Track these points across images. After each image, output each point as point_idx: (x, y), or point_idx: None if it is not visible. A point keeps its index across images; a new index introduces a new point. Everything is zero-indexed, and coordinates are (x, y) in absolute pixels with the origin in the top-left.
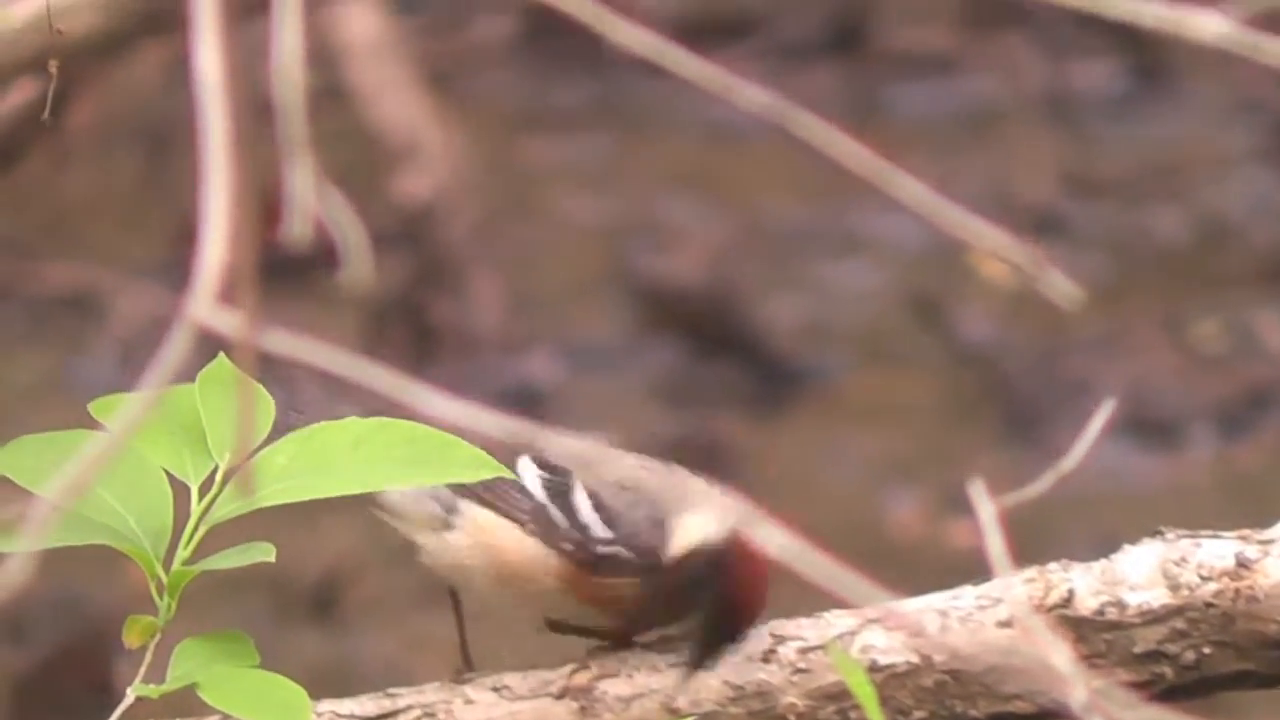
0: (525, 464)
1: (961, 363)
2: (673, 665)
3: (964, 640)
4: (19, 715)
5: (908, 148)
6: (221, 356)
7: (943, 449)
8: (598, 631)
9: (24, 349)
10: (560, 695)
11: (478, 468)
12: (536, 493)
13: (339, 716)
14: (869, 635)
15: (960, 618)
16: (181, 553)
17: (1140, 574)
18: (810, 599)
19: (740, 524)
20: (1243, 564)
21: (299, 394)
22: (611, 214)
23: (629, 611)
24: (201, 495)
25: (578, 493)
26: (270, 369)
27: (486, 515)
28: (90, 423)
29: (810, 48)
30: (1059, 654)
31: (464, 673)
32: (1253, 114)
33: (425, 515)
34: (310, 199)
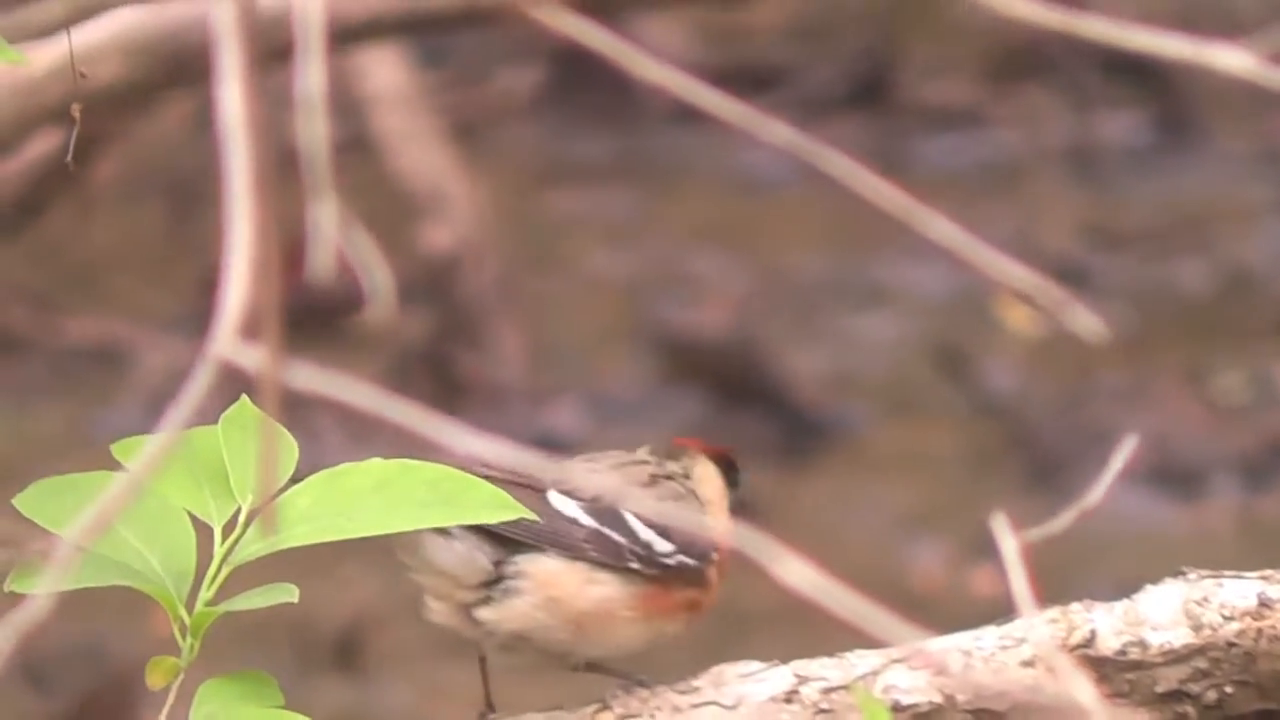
0: (558, 497)
1: (985, 413)
2: (695, 706)
3: (987, 680)
4: None
5: (931, 200)
6: (244, 398)
7: (966, 499)
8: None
9: (48, 401)
10: None
11: (500, 509)
12: (586, 520)
13: None
14: (892, 675)
15: (983, 658)
16: (204, 594)
17: (1163, 614)
18: (832, 639)
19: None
20: (1265, 604)
21: (324, 443)
22: (635, 266)
23: (703, 609)
24: (225, 536)
25: (627, 515)
26: (295, 419)
27: (547, 566)
28: (114, 471)
29: (834, 100)
30: (1083, 691)
31: (488, 715)
32: (1276, 166)
33: (471, 571)
34: (333, 239)
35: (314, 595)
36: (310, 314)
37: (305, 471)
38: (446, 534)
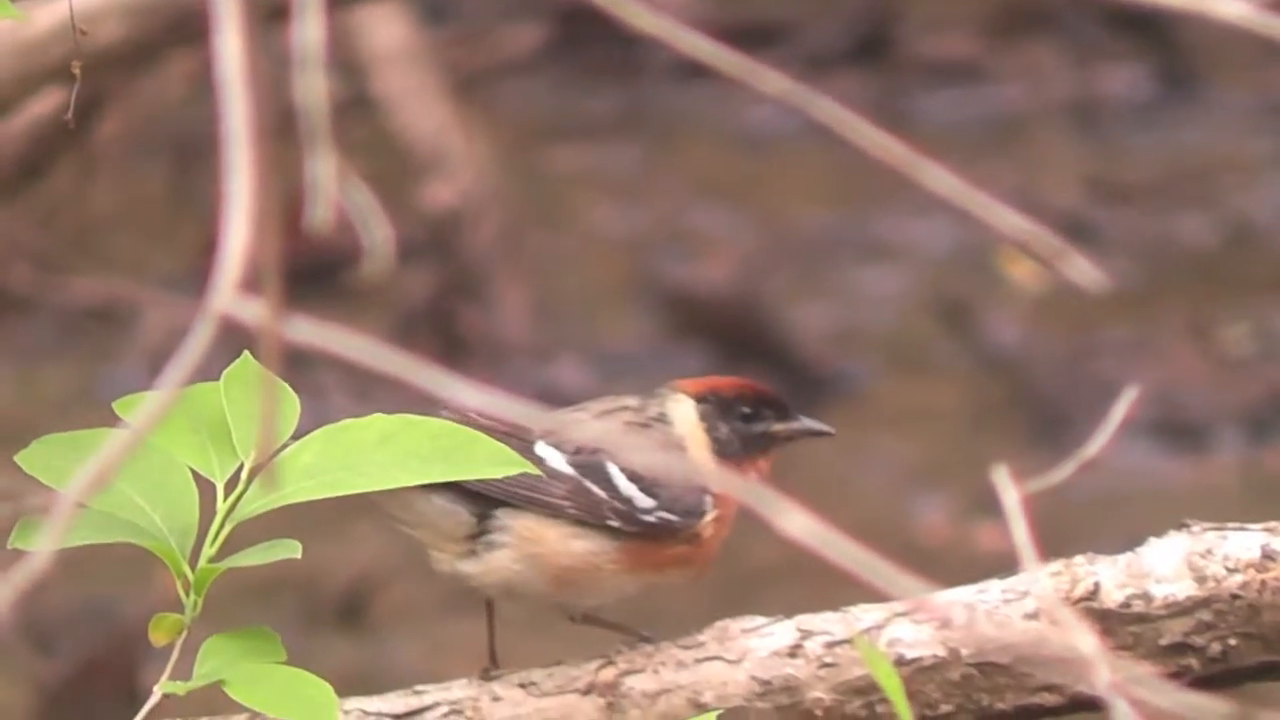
0: (545, 448)
1: (989, 367)
2: (699, 661)
3: (991, 633)
4: None
5: (933, 155)
6: (246, 354)
7: (970, 453)
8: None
9: (53, 360)
10: (587, 691)
11: (503, 463)
12: (568, 471)
13: (366, 714)
14: (895, 629)
15: (987, 611)
16: (207, 550)
17: (1166, 567)
18: (836, 594)
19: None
20: (1268, 556)
21: (327, 399)
22: (639, 222)
23: (698, 564)
24: (227, 493)
25: (611, 467)
26: (297, 376)
27: (528, 524)
28: (116, 429)
29: (836, 56)
30: (1085, 642)
31: (491, 670)
32: (1278, 118)
33: (454, 525)
34: (332, 194)
35: (319, 552)
36: (311, 270)
37: (308, 428)
38: (427, 489)
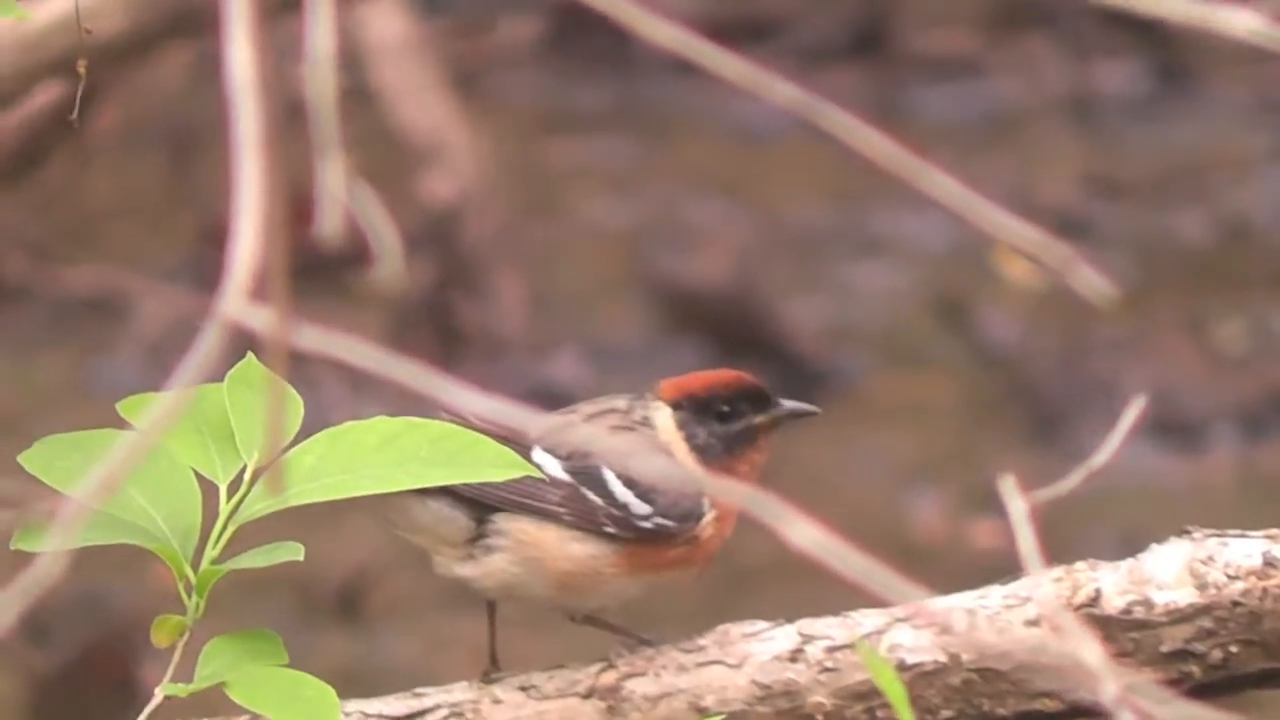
0: (540, 454)
1: (985, 364)
2: (700, 665)
3: (992, 639)
4: (43, 714)
5: (930, 150)
6: (250, 356)
7: (966, 450)
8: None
9: (47, 351)
10: (588, 695)
11: (506, 467)
12: (564, 478)
13: (367, 716)
14: (896, 634)
15: (988, 616)
16: (210, 552)
17: (1167, 573)
18: (835, 595)
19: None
20: (1270, 563)
21: (326, 397)
22: (635, 215)
23: (698, 564)
24: (230, 495)
25: (606, 473)
26: (297, 372)
27: (525, 527)
28: (115, 424)
29: (832, 50)
30: (1089, 650)
31: (492, 673)
32: (1275, 115)
33: (452, 529)
34: (341, 196)
35: (318, 548)
36: (314, 268)
37: (309, 426)
38: (423, 494)
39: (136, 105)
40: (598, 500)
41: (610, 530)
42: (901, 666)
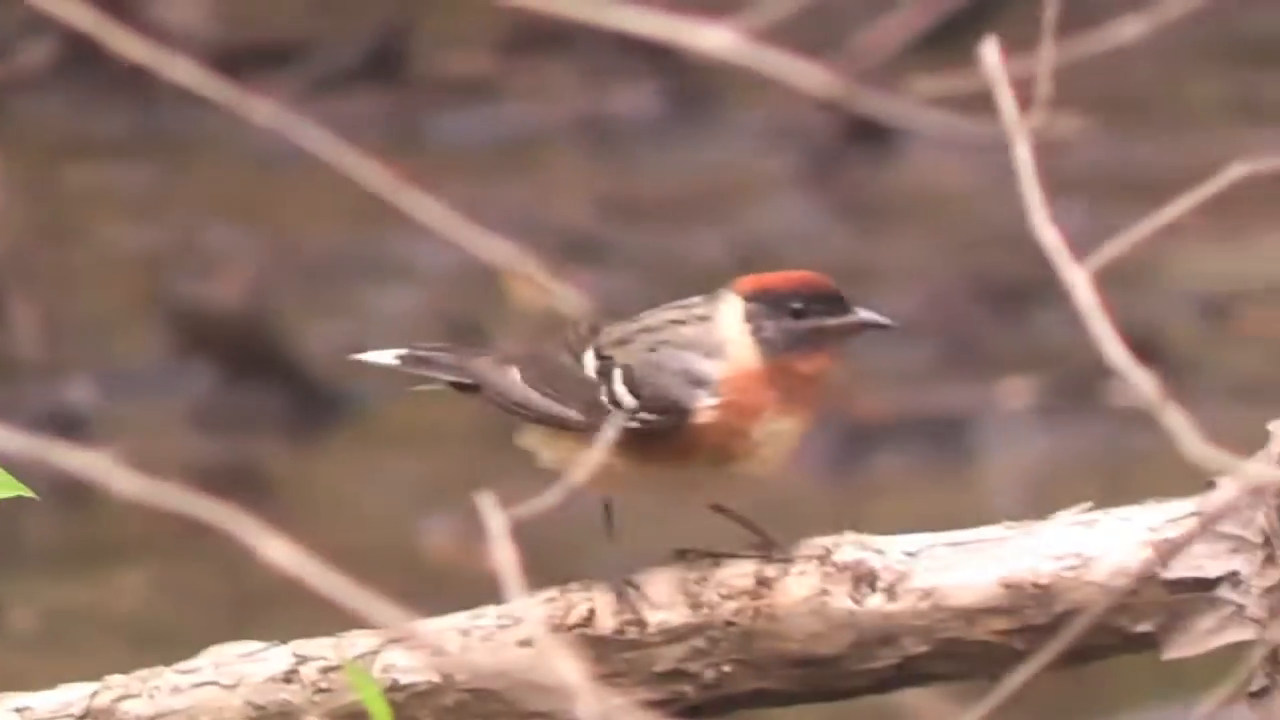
0: (589, 355)
1: None
2: (195, 686)
3: (485, 659)
4: None
5: (447, 172)
6: None
7: (479, 473)
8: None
9: None
10: (83, 715)
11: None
12: (592, 377)
13: None
14: (390, 655)
15: (482, 637)
16: None
17: (661, 593)
18: (338, 618)
19: None
20: (762, 583)
21: None
22: (153, 240)
23: (736, 457)
24: None
25: (615, 370)
26: None
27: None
28: None
29: (350, 74)
30: (570, 672)
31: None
32: (789, 139)
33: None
34: None
35: None
36: None
37: None
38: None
39: None
40: (605, 399)
41: (602, 424)
42: (395, 687)
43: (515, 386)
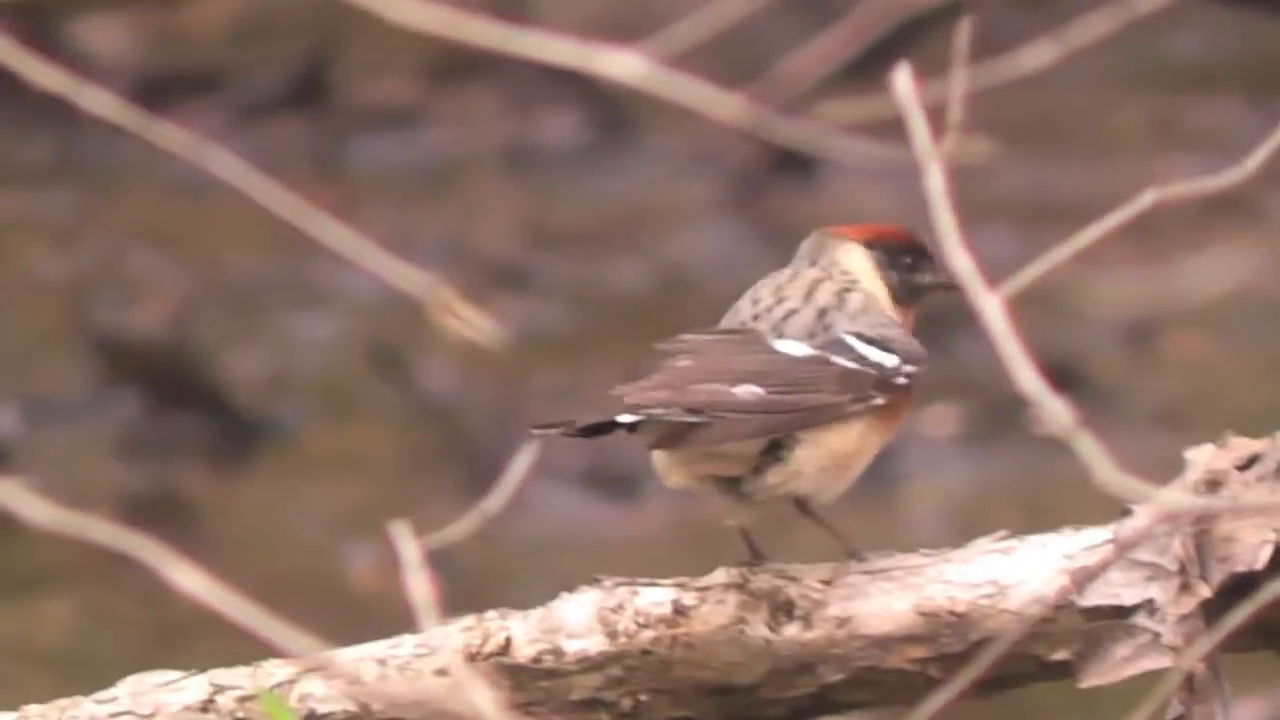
0: (783, 343)
1: (422, 414)
2: (113, 716)
3: (402, 688)
4: None
5: (369, 199)
6: None
7: (402, 500)
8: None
9: None
10: None
11: None
12: (813, 353)
13: None
14: (308, 684)
15: (399, 666)
16: None
17: (578, 621)
18: (260, 648)
19: None
20: (679, 611)
21: None
22: (74, 268)
23: (905, 414)
24: None
25: (849, 339)
26: None
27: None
28: None
29: (274, 102)
30: (484, 701)
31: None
32: (711, 167)
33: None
34: None
35: None
36: None
37: None
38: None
39: None
40: (855, 366)
41: (877, 397)
42: (312, 716)
43: (776, 401)
